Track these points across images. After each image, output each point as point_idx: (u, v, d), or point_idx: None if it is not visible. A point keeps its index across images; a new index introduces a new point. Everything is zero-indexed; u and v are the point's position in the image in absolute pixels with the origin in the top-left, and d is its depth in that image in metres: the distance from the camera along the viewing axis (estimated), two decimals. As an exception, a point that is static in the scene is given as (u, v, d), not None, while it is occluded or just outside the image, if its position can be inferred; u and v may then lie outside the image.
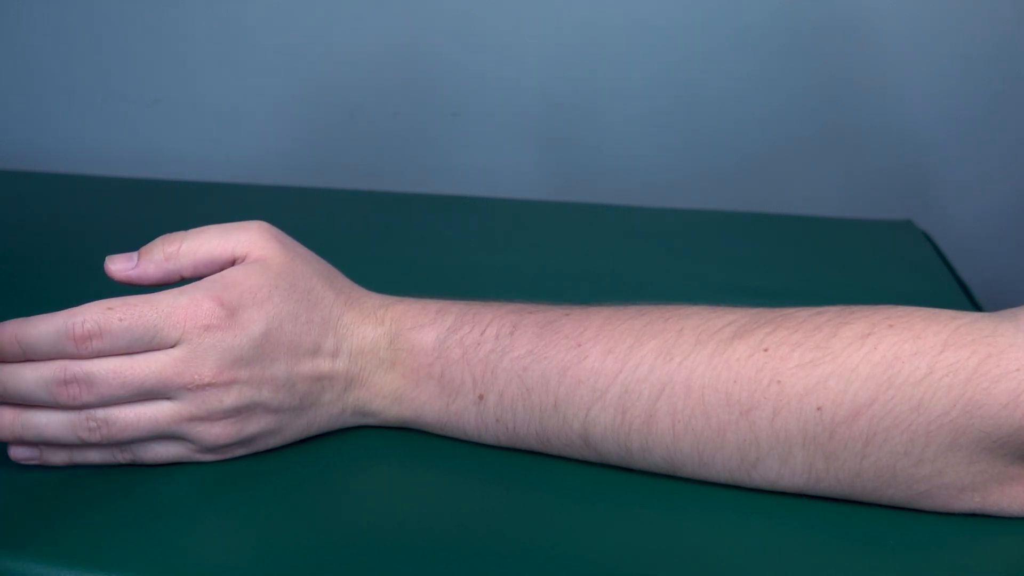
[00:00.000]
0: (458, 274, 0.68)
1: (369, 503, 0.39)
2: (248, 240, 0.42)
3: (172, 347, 0.38)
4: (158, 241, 0.42)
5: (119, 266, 0.42)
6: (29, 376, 0.38)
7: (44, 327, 0.38)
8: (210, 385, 0.38)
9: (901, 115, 1.03)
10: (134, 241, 0.45)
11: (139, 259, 0.42)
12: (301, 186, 0.98)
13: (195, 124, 1.20)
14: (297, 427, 0.42)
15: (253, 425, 0.40)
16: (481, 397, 0.41)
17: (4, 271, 0.68)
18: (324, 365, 0.41)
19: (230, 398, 0.39)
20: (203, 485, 0.40)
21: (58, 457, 0.40)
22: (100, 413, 0.38)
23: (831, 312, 0.37)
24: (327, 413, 0.43)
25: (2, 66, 1.25)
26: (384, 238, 0.78)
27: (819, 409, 0.36)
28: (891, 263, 0.73)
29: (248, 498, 0.39)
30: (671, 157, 1.08)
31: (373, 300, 0.44)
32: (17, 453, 0.40)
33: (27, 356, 0.38)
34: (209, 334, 0.38)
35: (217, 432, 0.39)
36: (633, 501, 0.39)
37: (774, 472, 0.38)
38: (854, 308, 0.38)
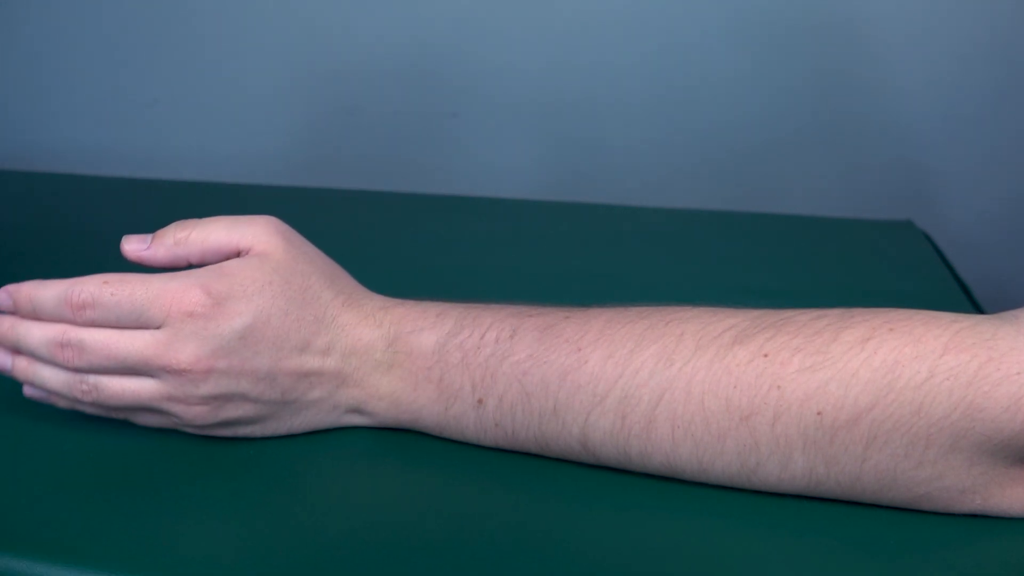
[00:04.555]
0: (458, 274, 0.68)
1: (367, 503, 0.39)
2: (253, 234, 0.43)
3: (157, 328, 0.40)
4: (172, 227, 0.44)
5: (133, 246, 0.44)
6: (36, 333, 0.41)
7: (51, 291, 0.41)
8: (187, 371, 0.40)
9: (901, 113, 1.03)
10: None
11: (152, 241, 0.44)
12: (301, 186, 0.98)
13: (195, 124, 1.20)
14: (284, 419, 0.43)
15: (230, 411, 0.41)
16: (480, 401, 0.41)
17: (4, 271, 0.68)
18: (312, 362, 0.42)
19: (207, 386, 0.40)
20: (202, 485, 0.40)
21: (63, 403, 0.43)
22: (91, 379, 0.41)
23: (831, 316, 0.37)
24: (318, 409, 0.43)
25: (2, 66, 1.25)
26: (384, 238, 0.78)
27: (819, 414, 0.36)
28: (891, 263, 0.73)
29: (248, 499, 0.39)
30: (670, 155, 1.08)
31: (374, 302, 0.44)
32: (29, 392, 0.44)
33: (36, 315, 0.42)
34: (191, 321, 0.39)
35: (194, 413, 0.41)
36: (632, 502, 0.39)
37: (774, 476, 0.38)
38: (854, 312, 0.37)
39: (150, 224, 0.47)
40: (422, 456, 0.42)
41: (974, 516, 0.37)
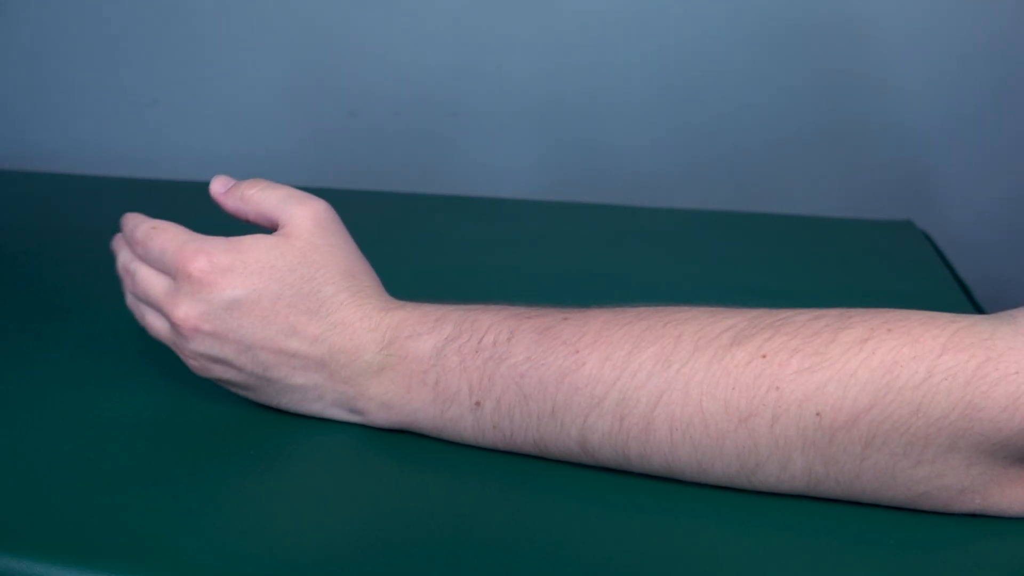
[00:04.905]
0: (458, 274, 0.68)
1: (365, 504, 0.39)
2: (292, 214, 0.45)
3: (172, 280, 0.44)
4: (249, 181, 0.47)
5: (216, 186, 0.48)
6: (121, 255, 0.48)
7: (130, 221, 0.47)
8: (179, 325, 0.43)
9: (901, 113, 1.03)
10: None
11: (230, 189, 0.47)
12: (301, 186, 0.98)
13: (195, 124, 1.20)
14: (271, 395, 0.45)
15: (219, 372, 0.44)
16: (478, 404, 0.41)
17: (4, 271, 0.68)
18: (297, 346, 0.43)
19: (194, 343, 0.43)
20: (199, 485, 0.40)
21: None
22: (142, 306, 0.47)
23: (829, 317, 0.37)
24: (303, 396, 0.44)
25: (2, 66, 1.25)
26: (384, 238, 0.78)
27: (818, 415, 0.36)
28: (891, 263, 0.73)
29: (245, 499, 0.39)
30: (670, 155, 1.09)
31: (377, 304, 0.44)
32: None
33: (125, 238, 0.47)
34: (188, 282, 0.43)
35: (191, 364, 0.45)
36: (631, 502, 0.39)
37: (773, 477, 0.38)
38: (852, 312, 0.37)
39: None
40: (420, 457, 0.42)
41: (974, 516, 0.37)
